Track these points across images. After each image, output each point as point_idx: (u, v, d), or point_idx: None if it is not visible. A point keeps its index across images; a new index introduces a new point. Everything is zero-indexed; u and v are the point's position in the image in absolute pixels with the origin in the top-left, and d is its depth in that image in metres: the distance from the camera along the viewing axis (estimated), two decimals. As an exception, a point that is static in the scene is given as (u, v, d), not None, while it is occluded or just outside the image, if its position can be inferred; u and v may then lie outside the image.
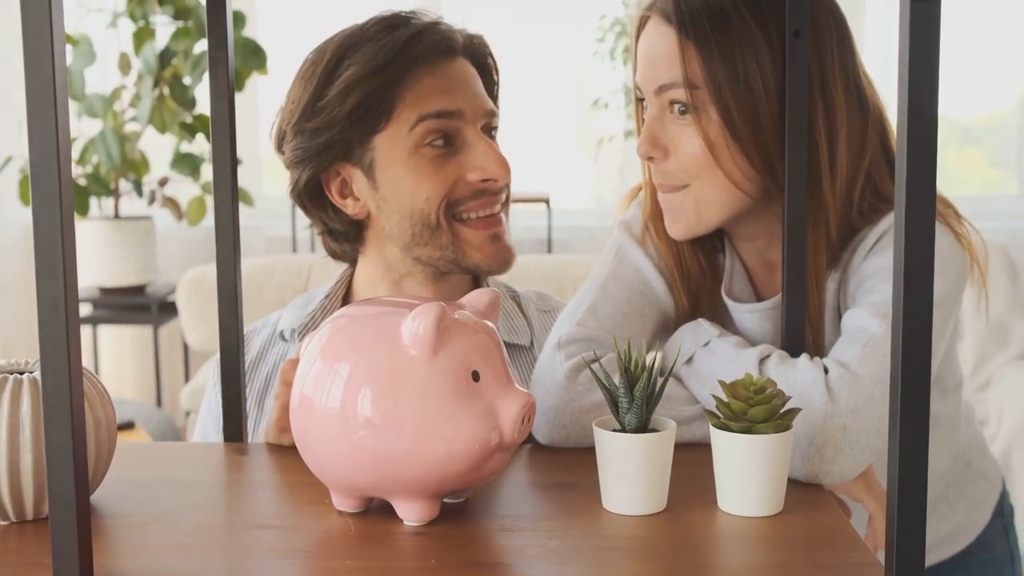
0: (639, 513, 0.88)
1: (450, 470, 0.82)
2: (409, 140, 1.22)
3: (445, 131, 1.22)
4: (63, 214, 0.68)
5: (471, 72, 1.27)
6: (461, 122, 1.23)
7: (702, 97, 1.09)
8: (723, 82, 1.08)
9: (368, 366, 0.82)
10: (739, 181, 1.10)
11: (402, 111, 1.22)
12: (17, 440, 0.83)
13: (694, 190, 1.12)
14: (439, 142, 1.22)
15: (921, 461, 0.71)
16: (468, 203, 1.24)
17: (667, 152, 1.12)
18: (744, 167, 1.10)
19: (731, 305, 1.18)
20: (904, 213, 0.70)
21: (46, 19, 0.66)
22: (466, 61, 1.27)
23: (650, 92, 1.13)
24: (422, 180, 1.22)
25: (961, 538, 1.32)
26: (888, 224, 1.11)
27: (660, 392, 0.89)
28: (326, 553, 0.82)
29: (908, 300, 0.70)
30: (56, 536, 0.70)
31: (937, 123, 0.69)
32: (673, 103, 1.11)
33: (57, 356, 0.69)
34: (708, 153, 1.09)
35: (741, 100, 1.08)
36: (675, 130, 1.12)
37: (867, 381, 0.98)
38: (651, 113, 1.13)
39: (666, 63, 1.10)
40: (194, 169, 3.22)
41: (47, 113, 0.67)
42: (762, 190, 1.12)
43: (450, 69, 1.24)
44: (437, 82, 1.22)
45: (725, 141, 1.09)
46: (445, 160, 1.23)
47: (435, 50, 1.22)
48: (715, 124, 1.09)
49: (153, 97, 3.11)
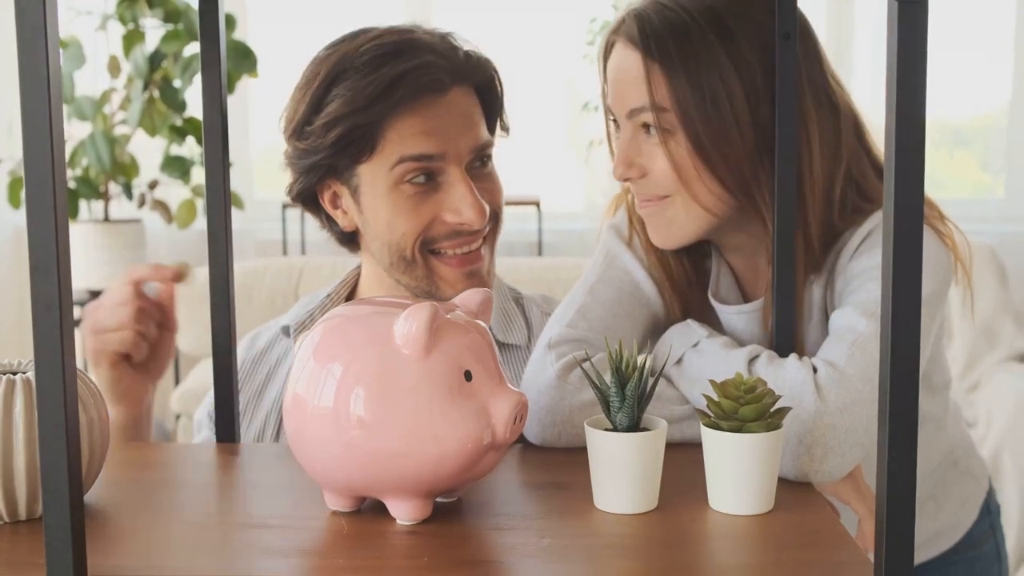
0: (631, 512, 0.88)
1: (442, 469, 0.82)
2: (390, 177, 1.22)
3: (427, 171, 1.22)
4: (57, 214, 0.68)
5: (463, 105, 1.25)
6: (443, 163, 1.23)
7: (670, 119, 1.10)
8: (690, 105, 1.09)
9: (361, 366, 0.83)
10: (707, 202, 1.12)
11: (384, 147, 1.22)
12: (10, 440, 0.83)
13: (669, 207, 1.14)
14: (420, 179, 1.22)
15: (910, 460, 0.72)
16: (443, 241, 1.25)
17: (643, 171, 1.14)
18: (714, 188, 1.11)
19: (718, 307, 1.19)
20: (892, 215, 0.70)
21: (41, 22, 0.67)
22: (463, 91, 1.25)
23: (622, 115, 1.14)
24: (399, 215, 1.23)
25: (948, 536, 1.33)
26: (873, 224, 1.12)
27: (651, 391, 0.90)
28: (319, 552, 0.82)
29: (896, 301, 0.70)
30: (50, 536, 0.71)
31: (925, 125, 0.70)
32: (645, 125, 1.13)
33: (51, 356, 0.69)
34: (675, 175, 1.11)
35: (709, 122, 1.09)
36: (648, 149, 1.13)
37: (855, 380, 0.98)
38: (625, 135, 1.15)
39: (634, 87, 1.12)
40: (184, 172, 3.21)
41: (41, 113, 0.67)
42: (735, 210, 1.13)
43: (439, 106, 1.22)
44: (420, 123, 1.21)
45: (693, 163, 1.10)
46: (424, 198, 1.23)
47: (422, 89, 1.21)
48: (683, 147, 1.10)
49: (143, 100, 3.10)
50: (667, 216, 1.15)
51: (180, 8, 3.09)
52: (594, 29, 3.56)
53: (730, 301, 1.20)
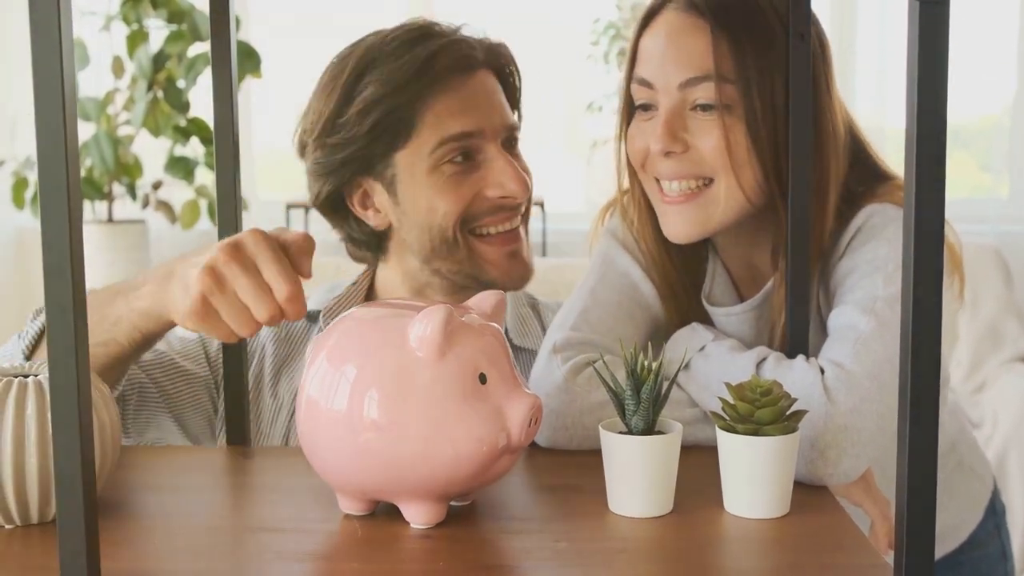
0: (646, 515, 0.88)
1: (457, 473, 0.82)
2: (430, 159, 1.23)
3: (465, 149, 1.23)
4: (71, 217, 0.68)
5: (492, 85, 1.27)
6: (481, 140, 1.24)
7: (730, 94, 1.08)
8: (753, 80, 1.07)
9: (375, 368, 0.82)
10: (750, 188, 1.10)
11: (422, 131, 1.22)
12: (23, 443, 0.83)
13: (706, 194, 1.12)
14: (459, 159, 1.23)
15: (930, 461, 0.71)
16: (485, 218, 1.25)
17: (687, 146, 1.11)
18: (758, 174, 1.10)
19: (709, 310, 1.19)
20: (914, 217, 0.70)
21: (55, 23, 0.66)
22: (488, 73, 1.27)
23: (672, 87, 1.10)
24: (441, 197, 1.23)
25: (954, 537, 1.33)
26: (861, 220, 1.11)
27: (666, 395, 0.89)
28: (333, 556, 0.82)
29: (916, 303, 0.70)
30: (64, 540, 0.70)
31: (946, 126, 0.69)
32: (696, 101, 1.10)
33: (65, 358, 0.68)
34: (727, 153, 1.09)
35: (766, 101, 1.07)
36: (696, 125, 1.10)
37: (862, 378, 0.98)
38: (671, 107, 1.11)
39: (695, 56, 1.09)
40: (188, 173, 3.21)
41: (56, 116, 0.67)
42: (768, 197, 1.12)
43: (471, 85, 1.24)
44: (458, 101, 1.23)
45: (745, 143, 1.08)
46: (464, 176, 1.24)
47: (455, 67, 1.22)
48: (739, 125, 1.08)
49: (147, 100, 3.10)
50: (705, 205, 1.12)
51: (184, 9, 3.09)
52: (597, 30, 3.56)
53: (725, 303, 1.20)
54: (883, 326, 1.00)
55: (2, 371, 0.91)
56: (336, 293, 1.36)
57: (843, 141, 1.13)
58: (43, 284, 0.68)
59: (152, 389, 1.22)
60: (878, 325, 1.00)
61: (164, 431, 1.27)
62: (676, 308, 1.20)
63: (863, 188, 1.14)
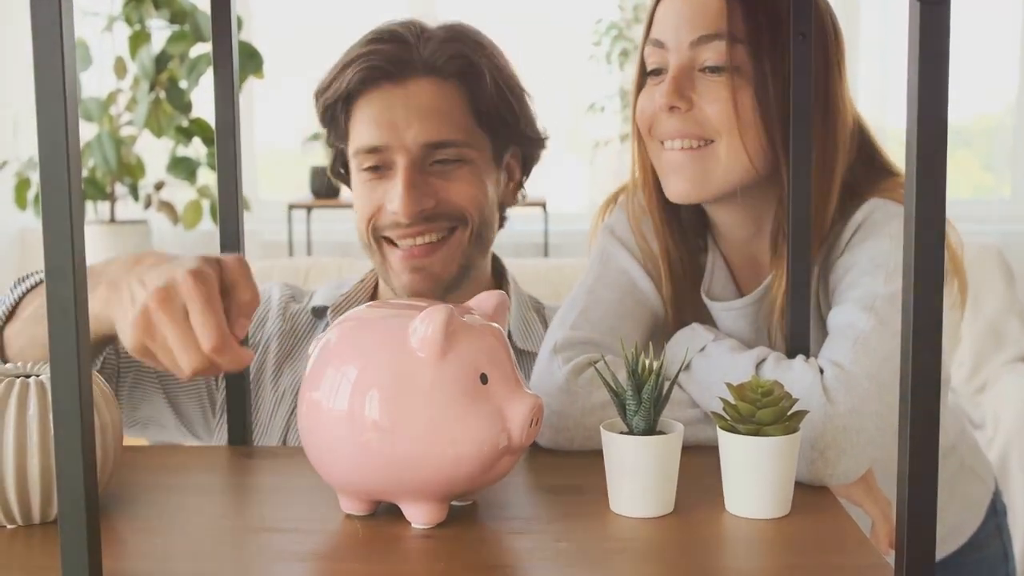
0: (647, 515, 0.88)
1: (458, 473, 0.82)
2: (354, 161, 1.29)
3: (375, 161, 1.26)
4: (73, 218, 0.68)
5: (428, 96, 1.25)
6: (389, 154, 1.25)
7: (740, 55, 1.08)
8: (765, 43, 1.07)
9: (376, 369, 0.82)
10: (754, 152, 1.10)
11: (350, 133, 1.29)
12: (24, 443, 0.83)
13: (709, 153, 1.11)
14: (373, 168, 1.27)
15: (931, 461, 0.71)
16: (389, 231, 1.28)
17: (691, 104, 1.11)
18: (762, 139, 1.09)
19: (708, 304, 1.19)
20: (914, 216, 0.70)
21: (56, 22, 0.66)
22: (430, 81, 1.26)
23: (683, 45, 1.10)
24: (358, 199, 1.29)
25: (955, 538, 1.33)
26: (863, 216, 1.10)
27: (667, 395, 0.89)
28: (334, 556, 0.82)
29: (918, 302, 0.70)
30: (66, 540, 0.70)
31: (947, 127, 0.69)
32: (706, 62, 1.10)
33: (67, 359, 0.69)
34: (733, 115, 1.08)
35: (776, 65, 1.07)
36: (704, 85, 1.10)
37: (862, 378, 0.98)
38: (680, 64, 1.11)
39: (708, 13, 1.09)
40: (190, 173, 3.21)
41: (58, 117, 0.67)
42: (772, 166, 1.12)
43: (393, 96, 1.25)
44: (371, 112, 1.26)
45: (752, 106, 1.08)
46: (375, 186, 1.27)
47: (376, 76, 1.25)
48: (747, 87, 1.08)
49: (149, 101, 3.11)
50: (704, 163, 1.11)
51: (186, 9, 3.10)
52: (599, 30, 3.56)
53: (724, 297, 1.20)
54: (883, 325, 1.00)
55: (4, 371, 0.91)
56: (344, 290, 1.37)
57: (850, 129, 1.13)
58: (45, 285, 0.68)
59: (150, 368, 1.21)
60: (878, 324, 1.00)
61: (157, 410, 1.29)
62: (675, 304, 1.20)
63: (866, 182, 1.14)
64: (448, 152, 1.25)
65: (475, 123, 1.27)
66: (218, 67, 1.08)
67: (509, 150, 1.33)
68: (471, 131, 1.27)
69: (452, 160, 1.26)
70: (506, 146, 1.32)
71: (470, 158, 1.27)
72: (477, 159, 1.27)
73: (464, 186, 1.26)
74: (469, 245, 1.28)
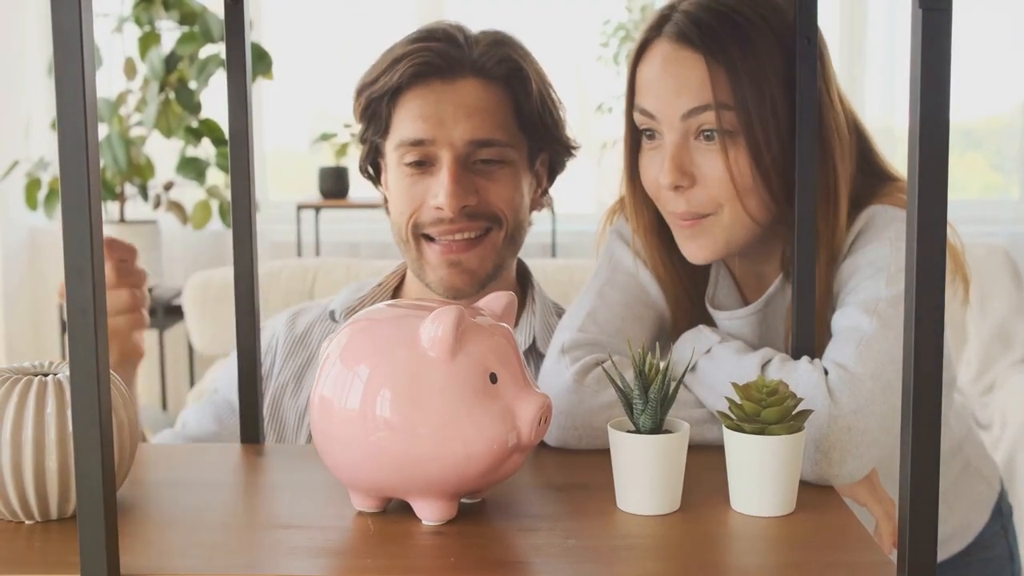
0: (653, 513, 0.89)
1: (468, 471, 0.83)
2: (395, 156, 1.29)
3: (420, 156, 1.27)
4: (92, 219, 0.69)
5: (474, 96, 1.27)
6: (434, 148, 1.27)
7: (731, 120, 1.08)
8: (751, 105, 1.07)
9: (387, 368, 0.84)
10: (757, 213, 1.11)
11: (393, 128, 1.29)
12: (42, 440, 0.84)
13: (720, 218, 1.11)
14: (415, 163, 1.27)
15: (932, 461, 0.72)
16: (429, 227, 1.29)
17: (694, 180, 1.11)
18: (765, 197, 1.10)
19: (712, 313, 1.20)
20: (916, 219, 0.71)
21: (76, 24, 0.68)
22: (476, 83, 1.28)
23: (674, 119, 1.10)
24: (400, 195, 1.29)
25: (960, 538, 1.34)
26: (864, 222, 1.11)
27: (674, 394, 0.91)
28: (346, 552, 0.83)
29: (920, 304, 0.71)
30: (84, 535, 0.72)
31: (948, 131, 0.70)
32: (700, 129, 1.10)
33: (86, 359, 0.70)
34: (731, 184, 1.09)
35: (766, 124, 1.08)
36: (700, 156, 1.10)
37: (866, 379, 0.99)
38: (675, 140, 1.11)
39: (692, 87, 1.09)
40: (199, 173, 3.22)
41: (78, 119, 0.68)
42: (777, 217, 1.13)
43: (441, 93, 1.27)
44: (418, 107, 1.27)
45: (749, 169, 1.08)
46: (417, 181, 1.28)
47: (428, 72, 1.26)
48: (742, 151, 1.08)
49: (159, 101, 3.12)
50: (711, 229, 1.12)
51: (196, 10, 3.11)
52: (607, 31, 3.56)
53: (728, 306, 1.21)
54: (886, 327, 1.01)
55: (22, 370, 0.92)
56: (360, 294, 1.38)
57: (848, 144, 1.14)
58: (64, 283, 0.69)
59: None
60: (881, 326, 1.01)
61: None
62: (680, 310, 1.21)
63: (866, 190, 1.15)
64: (491, 152, 1.28)
65: (517, 126, 1.30)
66: (231, 72, 1.09)
67: (540, 156, 1.35)
68: (513, 133, 1.30)
69: (494, 161, 1.28)
70: (539, 152, 1.35)
71: (510, 159, 1.29)
72: (516, 161, 1.30)
73: (503, 188, 1.29)
74: (503, 246, 1.31)
